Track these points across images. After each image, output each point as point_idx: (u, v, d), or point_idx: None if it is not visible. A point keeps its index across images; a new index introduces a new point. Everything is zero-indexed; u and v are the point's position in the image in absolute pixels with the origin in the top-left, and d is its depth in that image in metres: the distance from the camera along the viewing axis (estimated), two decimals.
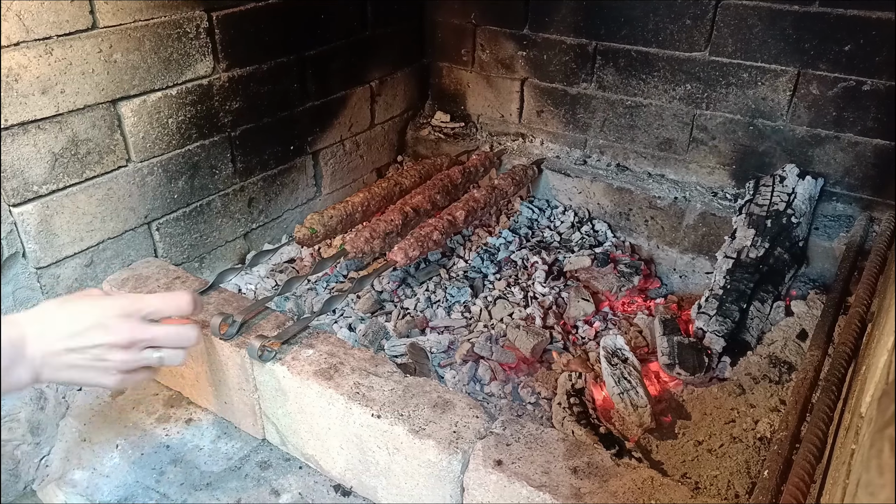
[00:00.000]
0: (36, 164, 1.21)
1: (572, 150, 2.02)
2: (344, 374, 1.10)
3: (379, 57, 1.96)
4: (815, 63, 1.59)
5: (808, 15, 1.55)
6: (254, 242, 1.74)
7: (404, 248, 1.48)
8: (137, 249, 1.43)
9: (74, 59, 1.21)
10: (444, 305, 1.58)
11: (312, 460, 1.18)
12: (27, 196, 1.21)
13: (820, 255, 1.63)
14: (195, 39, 1.41)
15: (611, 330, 1.53)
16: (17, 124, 1.16)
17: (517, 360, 1.42)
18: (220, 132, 1.54)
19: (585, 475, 0.92)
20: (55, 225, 1.27)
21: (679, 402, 1.31)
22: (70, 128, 1.24)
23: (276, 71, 1.63)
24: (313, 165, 1.85)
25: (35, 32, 1.14)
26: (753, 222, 1.60)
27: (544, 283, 1.65)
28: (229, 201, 1.62)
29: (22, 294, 1.25)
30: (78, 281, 1.33)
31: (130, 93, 1.33)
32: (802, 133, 1.67)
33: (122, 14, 1.27)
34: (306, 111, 1.76)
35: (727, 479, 1.11)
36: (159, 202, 1.45)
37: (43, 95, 1.18)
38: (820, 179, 1.66)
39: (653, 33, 1.75)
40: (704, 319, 1.43)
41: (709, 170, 1.83)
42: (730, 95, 1.72)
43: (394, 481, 1.06)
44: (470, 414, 1.02)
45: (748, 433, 1.20)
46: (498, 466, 0.93)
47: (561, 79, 1.95)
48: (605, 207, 1.90)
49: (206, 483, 1.17)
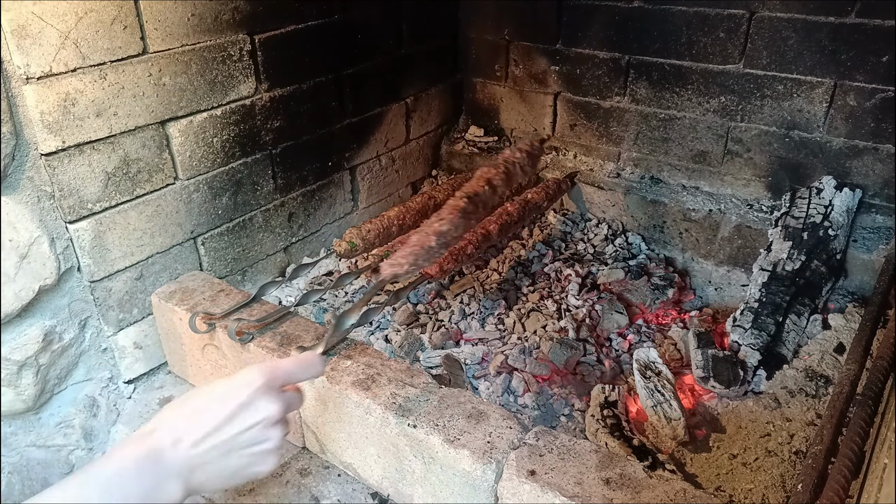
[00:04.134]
0: (90, 183, 1.27)
1: (606, 163, 2.03)
2: (381, 384, 1.13)
3: (414, 74, 2.01)
4: (852, 74, 1.58)
5: (844, 26, 1.55)
6: (293, 256, 1.79)
7: (439, 262, 1.51)
8: (184, 263, 1.49)
9: (126, 83, 1.28)
10: (478, 317, 1.60)
11: (351, 468, 1.22)
12: (82, 213, 1.27)
13: (858, 268, 1.61)
14: (238, 62, 1.47)
15: (645, 343, 1.53)
16: (73, 146, 1.22)
17: (551, 372, 1.44)
18: (262, 150, 1.60)
19: (618, 486, 0.93)
20: (108, 240, 1.33)
21: (713, 416, 1.31)
22: (122, 148, 1.31)
23: (315, 90, 1.68)
24: (350, 181, 1.90)
25: (90, 59, 1.21)
26: (790, 235, 1.59)
27: (578, 296, 1.66)
28: (270, 216, 1.68)
29: (77, 307, 1.32)
30: (129, 294, 1.39)
31: (178, 114, 1.39)
32: (840, 144, 1.65)
33: (171, 39, 1.33)
34: (344, 128, 1.81)
35: (762, 492, 1.11)
36: (204, 218, 1.51)
37: (97, 118, 1.25)
38: (858, 191, 1.64)
39: (686, 47, 1.76)
40: (740, 332, 1.43)
41: (744, 182, 1.82)
42: (765, 107, 1.71)
43: (429, 490, 1.08)
44: (504, 425, 1.04)
45: (784, 447, 1.20)
46: (531, 476, 0.95)
47: (594, 93, 1.97)
48: (639, 220, 1.91)
49: (249, 489, 1.21)
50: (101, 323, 1.37)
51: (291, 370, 0.81)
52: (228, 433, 0.74)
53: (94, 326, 1.36)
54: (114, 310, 1.38)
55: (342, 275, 1.50)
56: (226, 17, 1.42)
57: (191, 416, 0.74)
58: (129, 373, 1.45)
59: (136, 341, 1.44)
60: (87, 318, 1.34)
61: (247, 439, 0.75)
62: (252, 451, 0.76)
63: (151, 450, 0.71)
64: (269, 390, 0.77)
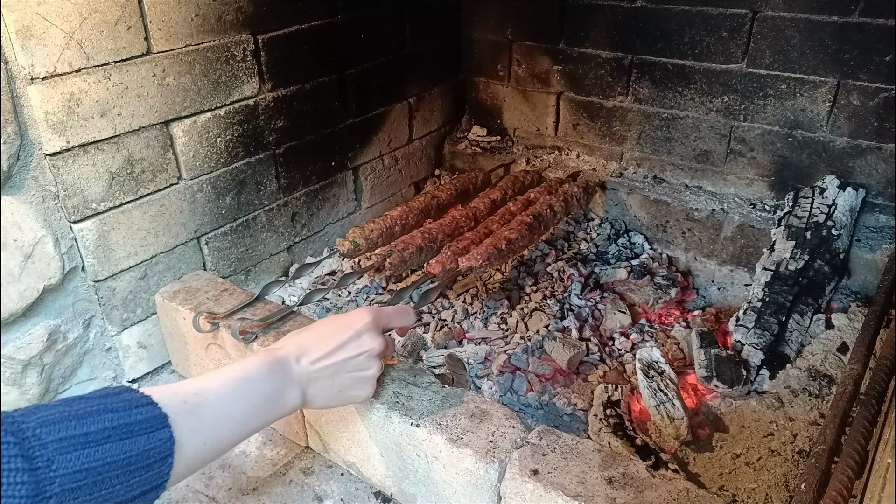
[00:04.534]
0: (94, 183, 1.28)
1: (608, 163, 2.03)
2: (384, 383, 1.13)
3: (417, 73, 2.01)
4: (856, 73, 1.58)
5: (847, 25, 1.55)
6: (297, 255, 1.79)
7: (442, 261, 1.51)
8: (187, 263, 1.50)
9: (130, 84, 1.28)
10: (481, 317, 1.60)
11: (354, 467, 1.22)
12: (86, 213, 1.28)
13: (862, 268, 1.61)
14: (242, 62, 1.48)
15: (647, 342, 1.54)
16: (77, 146, 1.23)
17: (553, 371, 1.44)
18: (266, 150, 1.60)
19: (621, 486, 0.94)
20: (112, 240, 1.33)
21: (716, 415, 1.31)
22: (126, 148, 1.31)
23: (319, 90, 1.69)
24: (354, 180, 1.90)
25: (95, 59, 1.21)
26: (793, 234, 1.59)
27: (581, 296, 1.66)
28: (273, 216, 1.68)
29: (81, 306, 1.32)
30: (133, 293, 1.40)
31: (182, 114, 1.39)
32: (843, 144, 1.65)
33: (175, 40, 1.33)
34: (347, 128, 1.81)
35: (765, 492, 1.11)
36: (208, 218, 1.52)
37: (101, 118, 1.25)
38: (861, 191, 1.64)
39: (689, 46, 1.76)
40: (743, 332, 1.43)
41: (747, 181, 1.82)
42: (768, 107, 1.71)
43: (433, 489, 1.08)
44: (507, 424, 1.05)
45: (787, 446, 1.20)
46: (534, 476, 0.95)
47: (597, 92, 1.97)
48: (642, 219, 1.91)
49: (253, 488, 1.21)
50: (105, 322, 1.37)
51: (392, 315, 1.02)
52: (340, 357, 0.92)
53: (98, 326, 1.36)
54: (118, 309, 1.38)
55: (345, 274, 1.51)
56: (229, 17, 1.42)
57: (312, 340, 0.92)
58: (132, 372, 1.46)
59: (140, 341, 1.45)
60: (91, 317, 1.34)
61: (353, 365, 0.94)
62: (355, 375, 0.95)
63: (279, 359, 0.88)
64: (374, 328, 0.96)
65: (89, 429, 0.62)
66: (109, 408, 0.66)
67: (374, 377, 0.98)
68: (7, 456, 0.55)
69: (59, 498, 0.58)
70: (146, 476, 0.66)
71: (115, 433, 0.64)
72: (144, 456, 0.66)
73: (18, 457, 0.56)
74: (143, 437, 0.66)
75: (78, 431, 0.62)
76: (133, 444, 0.65)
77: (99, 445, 0.62)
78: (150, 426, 0.68)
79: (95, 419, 0.64)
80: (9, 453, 0.55)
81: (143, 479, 0.66)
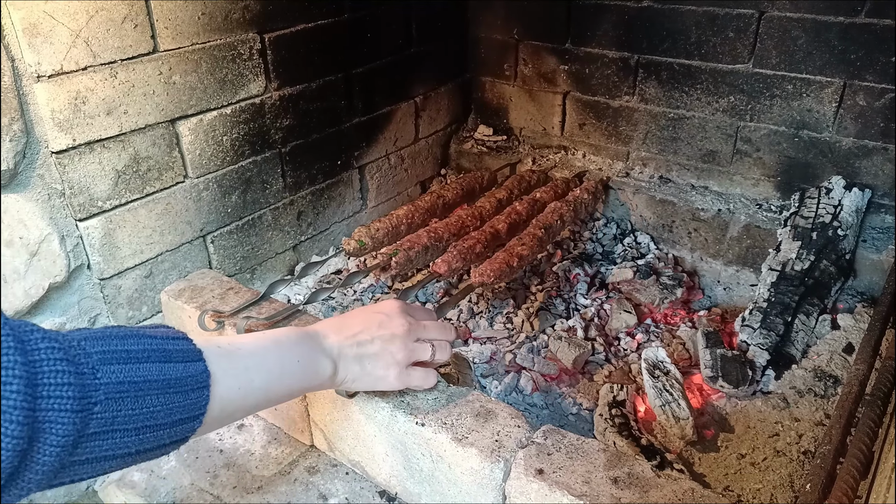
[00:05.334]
0: (101, 181, 1.28)
1: (614, 163, 2.03)
2: None
3: (423, 73, 2.01)
4: (862, 74, 1.57)
5: (853, 26, 1.54)
6: (302, 254, 1.79)
7: (448, 261, 1.52)
8: (193, 261, 1.50)
9: (137, 82, 1.28)
10: (487, 316, 1.60)
11: (359, 466, 1.22)
12: (92, 211, 1.28)
13: (868, 268, 1.60)
14: (248, 60, 1.48)
15: (653, 342, 1.53)
16: (83, 143, 1.23)
17: (559, 371, 1.44)
18: (272, 148, 1.61)
19: (626, 485, 0.93)
20: (117, 238, 1.34)
21: (722, 415, 1.31)
22: (132, 146, 1.31)
23: (325, 88, 1.69)
24: (359, 179, 1.90)
25: (101, 57, 1.22)
26: (799, 234, 1.58)
27: (586, 295, 1.66)
28: (279, 215, 1.68)
29: (86, 304, 1.33)
30: (138, 292, 1.40)
31: (188, 112, 1.39)
32: (849, 144, 1.65)
33: (181, 38, 1.34)
34: (353, 127, 1.81)
35: (770, 492, 1.11)
36: (214, 216, 1.52)
37: (108, 116, 1.25)
38: (867, 191, 1.64)
39: (695, 46, 1.76)
40: (748, 332, 1.43)
41: (753, 181, 1.82)
42: (774, 107, 1.71)
43: (437, 488, 1.08)
44: (512, 423, 1.04)
45: (792, 447, 1.20)
46: (539, 475, 0.95)
47: (603, 92, 1.97)
48: (648, 219, 1.90)
49: (258, 486, 1.22)
50: (110, 320, 1.37)
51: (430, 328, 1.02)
52: (367, 335, 0.95)
53: (103, 324, 1.37)
54: (123, 307, 1.39)
55: (351, 273, 1.51)
56: (236, 15, 1.43)
57: (339, 321, 0.97)
58: None
59: None
60: (96, 315, 1.35)
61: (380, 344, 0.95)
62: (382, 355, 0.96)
63: (310, 332, 0.92)
64: (404, 313, 0.99)
65: (130, 347, 0.65)
66: (149, 335, 0.69)
67: (401, 363, 0.98)
68: (52, 359, 0.56)
69: (103, 406, 0.60)
70: (185, 402, 0.68)
71: (155, 355, 0.66)
72: (182, 382, 0.68)
73: (64, 360, 0.57)
74: (180, 365, 0.69)
75: (120, 347, 0.64)
76: (171, 368, 0.67)
77: (140, 363, 0.64)
78: (186, 356, 0.70)
79: (136, 341, 0.66)
80: (54, 357, 0.57)
81: (182, 404, 0.68)
